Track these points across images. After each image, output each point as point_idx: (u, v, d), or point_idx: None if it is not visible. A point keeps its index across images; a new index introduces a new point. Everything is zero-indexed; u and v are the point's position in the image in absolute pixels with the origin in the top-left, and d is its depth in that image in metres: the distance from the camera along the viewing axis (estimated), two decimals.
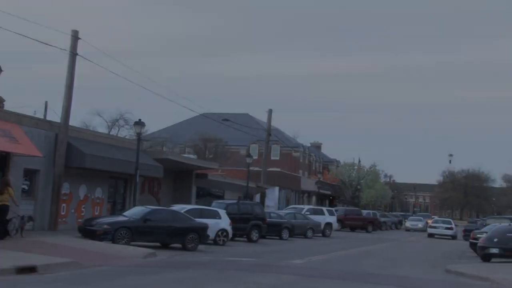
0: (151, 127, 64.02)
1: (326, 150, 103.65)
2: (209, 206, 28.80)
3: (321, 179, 62.62)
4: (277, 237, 32.38)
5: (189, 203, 32.90)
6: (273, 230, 32.09)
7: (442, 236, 47.00)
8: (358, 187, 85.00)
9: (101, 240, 20.30)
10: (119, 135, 49.27)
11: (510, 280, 16.67)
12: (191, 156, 46.42)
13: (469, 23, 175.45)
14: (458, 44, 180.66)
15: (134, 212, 22.44)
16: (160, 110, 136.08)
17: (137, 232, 21.03)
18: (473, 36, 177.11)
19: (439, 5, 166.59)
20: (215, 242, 25.09)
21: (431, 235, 47.80)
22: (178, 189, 35.39)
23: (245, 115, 75.89)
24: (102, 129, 53.24)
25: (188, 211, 24.36)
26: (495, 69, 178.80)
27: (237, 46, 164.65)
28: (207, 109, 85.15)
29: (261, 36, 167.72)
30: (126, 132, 54.21)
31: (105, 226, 20.78)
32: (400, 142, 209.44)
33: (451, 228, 48.44)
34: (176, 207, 25.14)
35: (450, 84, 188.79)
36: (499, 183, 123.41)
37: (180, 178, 35.50)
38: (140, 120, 27.82)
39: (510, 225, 26.42)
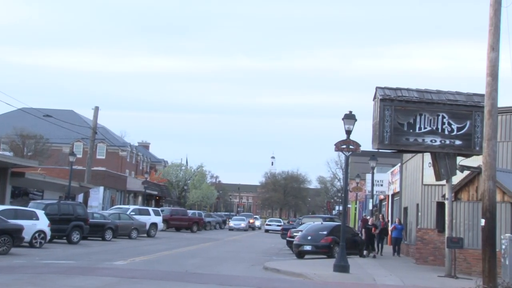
0: None
1: (154, 150, 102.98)
2: (26, 206, 27.14)
3: (148, 179, 61.94)
4: (100, 238, 31.46)
5: (2, 203, 30.67)
6: (96, 231, 31.16)
7: (275, 231, 60.36)
8: (185, 187, 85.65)
9: None
10: None
11: (320, 275, 17.98)
12: (7, 153, 43.16)
13: (291, 32, 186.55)
14: (280, 51, 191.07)
15: None
16: None
17: None
18: (294, 45, 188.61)
19: (266, 12, 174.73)
20: (31, 245, 23.65)
21: (267, 231, 64.26)
22: None
23: (69, 112, 72.75)
24: None
25: (0, 212, 22.63)
26: (312, 75, 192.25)
27: (62, 40, 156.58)
28: (26, 104, 79.87)
29: (89, 32, 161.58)
30: None
31: None
32: (226, 143, 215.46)
33: (280, 225, 61.14)
34: None
35: (274, 89, 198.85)
36: (314, 184, 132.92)
37: None
38: None
39: (322, 223, 28.48)
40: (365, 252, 27.25)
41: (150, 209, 43.01)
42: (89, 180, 43.82)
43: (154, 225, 39.41)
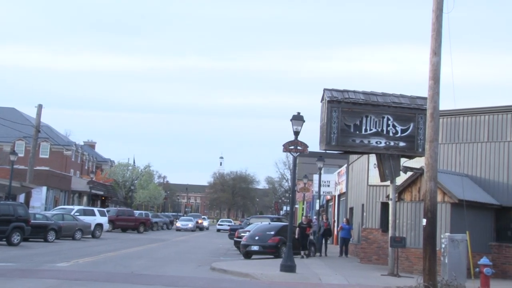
0: None
1: (100, 150, 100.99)
2: None
3: (93, 179, 60.70)
4: (42, 240, 30.64)
5: None
6: (38, 232, 30.35)
7: (226, 231, 58.50)
8: (132, 187, 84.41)
9: None
10: None
11: (267, 275, 18.08)
12: None
13: (242, 33, 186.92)
14: (230, 52, 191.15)
15: None
16: None
17: None
18: (244, 46, 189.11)
19: (218, 12, 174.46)
20: None
21: (219, 230, 67.79)
22: None
23: (11, 109, 70.87)
24: None
25: None
26: (262, 76, 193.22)
27: (3, 34, 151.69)
28: None
29: (33, 27, 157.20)
30: None
31: None
32: (174, 143, 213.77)
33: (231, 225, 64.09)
34: None
35: (223, 89, 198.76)
36: (262, 184, 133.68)
37: None
38: None
39: (270, 224, 28.61)
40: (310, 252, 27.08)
41: (95, 209, 42.19)
42: (31, 179, 42.58)
43: (99, 225, 38.71)
